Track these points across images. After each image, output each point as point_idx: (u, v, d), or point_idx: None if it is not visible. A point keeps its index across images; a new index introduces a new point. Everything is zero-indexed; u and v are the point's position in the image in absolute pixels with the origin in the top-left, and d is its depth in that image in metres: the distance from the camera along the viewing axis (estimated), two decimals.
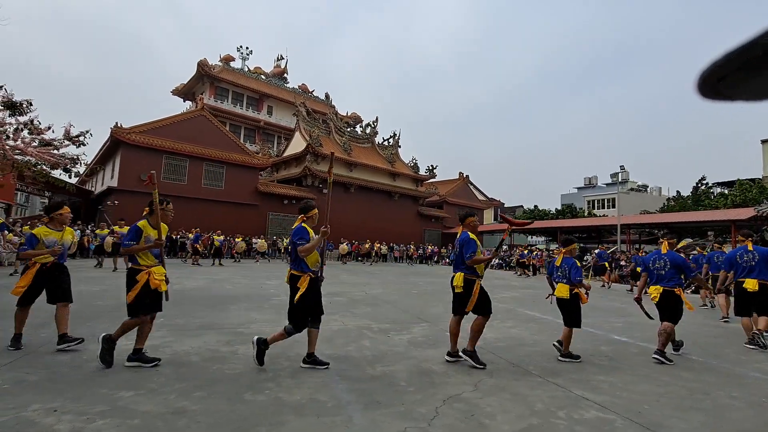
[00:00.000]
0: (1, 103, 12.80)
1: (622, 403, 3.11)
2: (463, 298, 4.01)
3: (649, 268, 4.74)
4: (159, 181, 21.73)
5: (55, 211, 4.14)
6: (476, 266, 4.03)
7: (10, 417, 2.41)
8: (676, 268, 4.55)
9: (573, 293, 4.34)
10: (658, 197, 49.75)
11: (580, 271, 4.40)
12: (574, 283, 4.34)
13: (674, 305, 4.46)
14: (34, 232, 3.95)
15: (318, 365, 3.66)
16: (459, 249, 4.09)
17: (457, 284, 4.01)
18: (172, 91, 43.98)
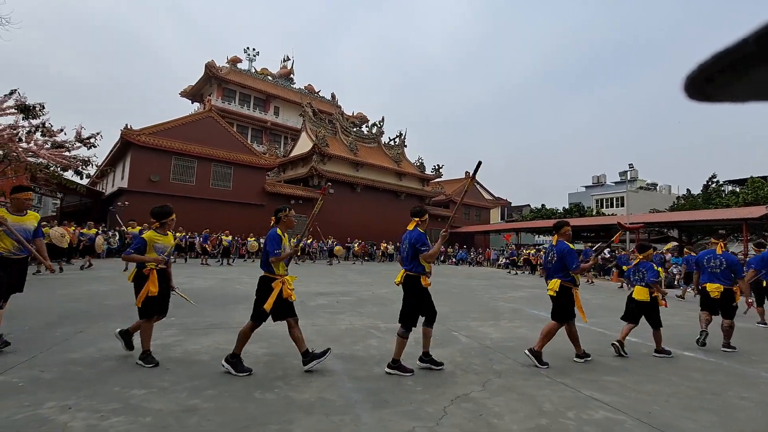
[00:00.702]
0: (14, 107, 13.04)
1: (632, 403, 3.10)
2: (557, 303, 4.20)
3: (704, 266, 5.28)
4: (168, 182, 22.10)
5: (167, 217, 3.83)
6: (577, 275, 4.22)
7: (25, 414, 2.46)
8: (731, 267, 5.07)
9: (653, 296, 4.64)
10: (668, 196, 49.14)
11: (657, 274, 4.71)
12: (650, 284, 4.62)
13: (733, 302, 5.02)
14: (145, 236, 3.70)
15: (434, 365, 3.73)
16: (557, 258, 4.20)
17: (553, 289, 4.16)
18: (181, 92, 44.41)
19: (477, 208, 41.77)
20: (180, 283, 9.49)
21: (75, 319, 5.15)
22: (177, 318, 5.55)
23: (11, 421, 2.37)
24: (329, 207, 28.52)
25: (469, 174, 43.25)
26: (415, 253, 3.71)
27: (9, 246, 3.81)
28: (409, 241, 3.76)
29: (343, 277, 13.34)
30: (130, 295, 7.43)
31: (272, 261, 3.55)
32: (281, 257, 3.57)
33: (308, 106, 31.82)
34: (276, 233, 3.65)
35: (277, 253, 3.56)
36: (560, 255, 4.16)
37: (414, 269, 3.72)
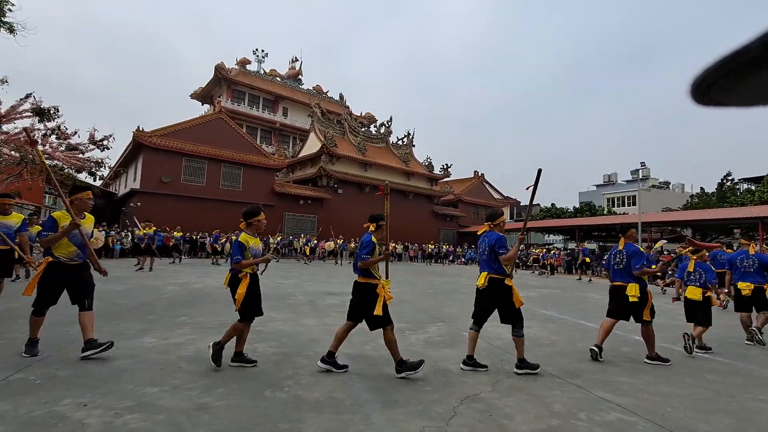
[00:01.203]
0: (30, 110, 13.32)
1: (645, 405, 3.06)
2: (638, 307, 4.25)
3: (736, 266, 5.62)
4: (179, 183, 22.36)
5: (254, 216, 3.71)
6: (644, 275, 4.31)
7: (43, 411, 2.52)
8: (764, 266, 5.36)
9: (705, 296, 4.83)
10: (681, 194, 48.31)
11: (715, 275, 4.96)
12: (708, 286, 4.83)
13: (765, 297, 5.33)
14: (241, 239, 3.56)
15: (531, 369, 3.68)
16: (627, 259, 4.31)
17: (633, 294, 4.19)
18: (191, 94, 44.95)
19: (486, 208, 41.51)
20: (190, 283, 9.61)
21: None
22: (189, 317, 5.62)
23: (30, 418, 2.42)
24: (337, 207, 28.62)
25: (478, 173, 42.97)
26: (495, 255, 3.77)
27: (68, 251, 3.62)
28: (489, 243, 3.80)
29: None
30: (143, 295, 7.55)
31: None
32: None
33: (317, 106, 31.96)
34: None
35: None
36: (629, 256, 4.31)
37: (498, 271, 3.78)
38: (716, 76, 0.39)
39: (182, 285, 9.23)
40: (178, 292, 8.08)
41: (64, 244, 3.57)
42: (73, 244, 3.62)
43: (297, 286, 10.05)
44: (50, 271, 3.55)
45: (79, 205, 3.74)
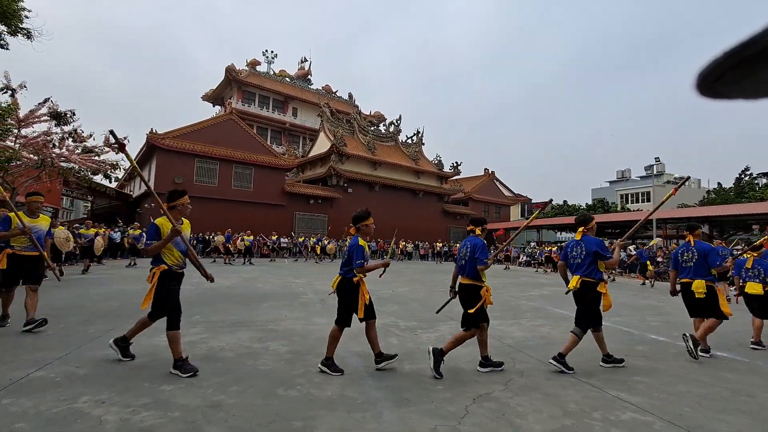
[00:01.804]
0: (47, 114, 13.64)
1: (661, 404, 3.01)
2: (706, 304, 4.38)
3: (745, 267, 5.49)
4: (191, 184, 22.66)
5: (364, 221, 3.76)
6: None
7: (62, 408, 2.58)
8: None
9: (766, 290, 4.97)
10: (697, 190, 47.26)
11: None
12: None
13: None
14: (361, 244, 3.58)
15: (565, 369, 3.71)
16: (700, 257, 4.40)
17: (700, 290, 4.33)
18: (202, 96, 45.51)
19: (496, 206, 41.20)
20: (203, 282, 9.73)
21: (107, 318, 5.36)
22: (202, 316, 5.71)
23: (51, 414, 2.48)
24: (348, 207, 28.67)
25: (488, 171, 42.64)
26: (594, 258, 3.83)
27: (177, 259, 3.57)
28: (588, 247, 3.87)
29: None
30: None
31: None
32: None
33: (326, 106, 32.06)
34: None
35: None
36: (702, 254, 4.36)
37: (592, 275, 3.83)
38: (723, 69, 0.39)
39: (195, 285, 9.36)
40: (192, 291, 8.19)
41: (171, 251, 3.50)
42: (177, 251, 3.55)
43: (308, 285, 10.11)
44: (165, 278, 3.45)
45: (180, 210, 3.71)
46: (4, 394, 2.76)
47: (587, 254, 3.87)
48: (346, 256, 3.69)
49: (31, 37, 9.54)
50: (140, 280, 9.76)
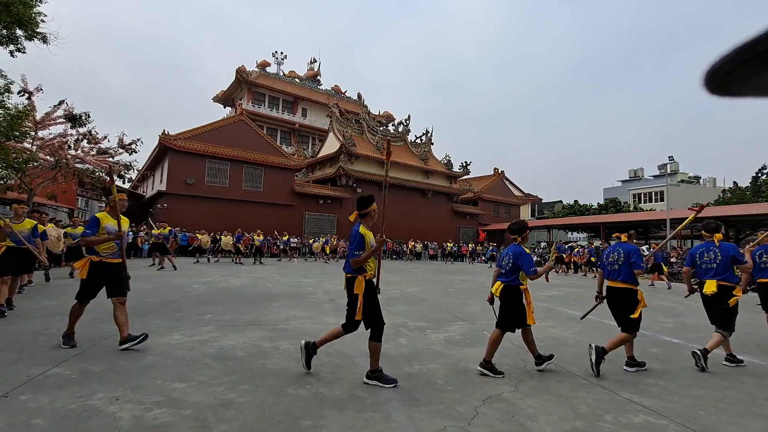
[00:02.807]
0: (63, 116, 13.93)
1: (675, 407, 2.95)
2: None
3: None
4: (203, 184, 22.95)
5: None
6: None
7: (78, 404, 2.63)
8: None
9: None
10: (712, 189, 46.37)
11: None
12: None
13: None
14: (362, 231, 3.48)
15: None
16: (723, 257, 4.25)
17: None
18: (213, 98, 46.05)
19: (506, 205, 40.91)
20: (214, 282, 9.86)
21: None
22: (213, 315, 5.77)
23: (66, 411, 2.54)
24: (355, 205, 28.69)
25: (498, 170, 42.31)
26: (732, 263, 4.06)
27: None
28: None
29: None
30: (169, 293, 7.78)
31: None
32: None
33: (335, 106, 32.18)
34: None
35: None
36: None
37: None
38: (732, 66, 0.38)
39: (207, 284, 9.47)
40: (203, 290, 8.29)
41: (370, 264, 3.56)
42: None
43: (317, 284, 10.16)
44: None
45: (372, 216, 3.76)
46: (22, 390, 2.83)
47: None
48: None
49: (47, 41, 9.74)
50: (152, 279, 9.90)
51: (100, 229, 3.94)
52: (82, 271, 3.93)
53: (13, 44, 9.47)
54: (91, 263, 3.93)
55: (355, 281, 3.27)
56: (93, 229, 3.90)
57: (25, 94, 12.92)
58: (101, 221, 3.97)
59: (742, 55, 0.37)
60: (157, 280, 9.94)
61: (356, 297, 3.24)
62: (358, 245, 3.32)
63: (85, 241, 3.91)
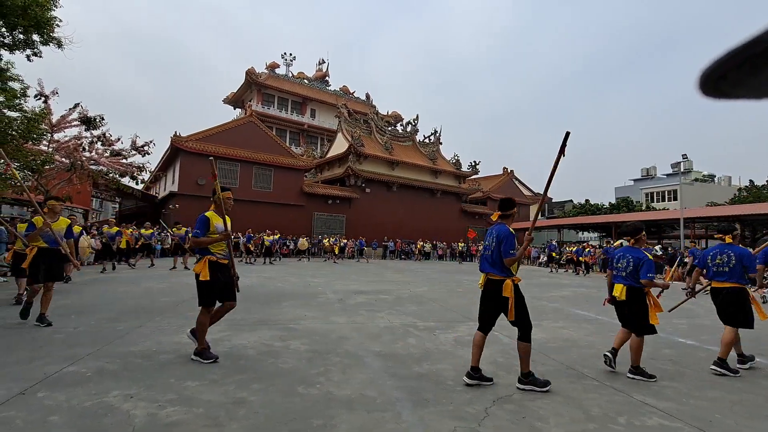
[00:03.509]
0: (78, 119, 14.20)
1: (689, 410, 2.90)
2: None
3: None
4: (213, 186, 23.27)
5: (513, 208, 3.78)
6: None
7: (93, 402, 2.68)
8: None
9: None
10: (728, 188, 45.43)
11: None
12: None
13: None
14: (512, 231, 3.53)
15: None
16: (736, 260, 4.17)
17: None
18: (223, 99, 46.52)
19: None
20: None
21: (134, 315, 5.54)
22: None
23: (82, 408, 2.59)
24: (365, 206, 28.79)
25: (507, 169, 42.03)
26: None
27: None
28: (738, 255, 3.98)
29: (381, 276, 13.43)
30: (181, 292, 7.88)
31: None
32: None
33: (343, 107, 32.27)
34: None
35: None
36: (740, 257, 4.10)
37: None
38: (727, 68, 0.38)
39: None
40: None
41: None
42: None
43: (327, 284, 10.20)
44: None
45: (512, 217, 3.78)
46: (39, 387, 2.89)
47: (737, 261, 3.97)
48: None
49: (62, 46, 9.94)
50: (165, 279, 10.04)
51: (210, 228, 3.73)
52: (203, 272, 3.63)
53: (29, 49, 9.69)
54: (210, 263, 3.68)
55: (504, 284, 3.28)
56: (203, 230, 3.69)
57: (41, 97, 13.20)
58: (210, 220, 3.75)
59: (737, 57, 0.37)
60: (170, 279, 10.07)
61: (507, 300, 3.24)
62: (511, 245, 3.34)
63: (196, 242, 3.68)
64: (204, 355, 3.63)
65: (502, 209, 3.66)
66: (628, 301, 3.74)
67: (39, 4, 8.80)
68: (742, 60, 0.37)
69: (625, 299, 3.73)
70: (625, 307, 3.81)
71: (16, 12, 8.52)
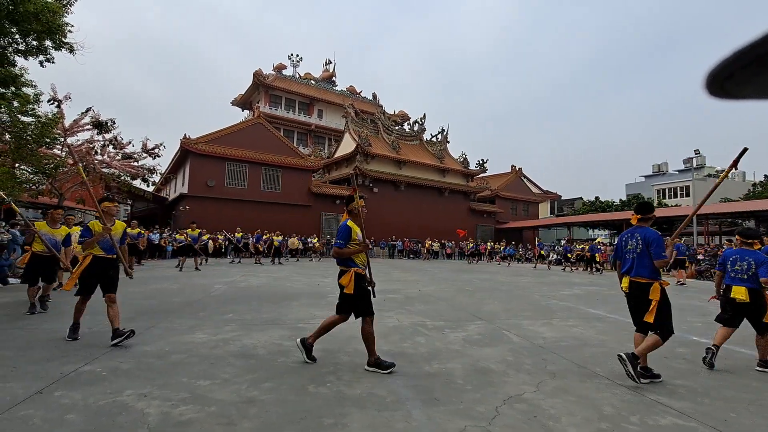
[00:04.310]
0: (90, 123, 14.44)
1: (704, 409, 2.86)
2: None
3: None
4: (223, 187, 23.43)
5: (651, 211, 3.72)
6: None
7: (108, 401, 2.73)
8: None
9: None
10: (742, 183, 44.54)
11: None
12: None
13: None
14: None
15: None
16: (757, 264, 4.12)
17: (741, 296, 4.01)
18: (232, 101, 46.93)
19: (525, 203, 40.30)
20: (235, 282, 10.05)
21: (147, 315, 5.62)
22: (236, 314, 5.88)
23: (98, 406, 2.64)
24: (373, 206, 28.82)
25: (515, 167, 41.75)
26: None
27: None
28: (757, 261, 3.88)
29: (389, 275, 13.43)
30: (193, 293, 7.96)
31: None
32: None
33: (350, 107, 32.33)
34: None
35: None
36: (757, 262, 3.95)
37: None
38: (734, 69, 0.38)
39: (229, 284, 9.67)
40: (225, 290, 8.47)
41: None
42: None
43: (336, 284, 10.23)
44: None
45: None
46: (56, 386, 2.95)
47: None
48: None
49: (74, 51, 10.12)
50: (177, 279, 10.17)
51: (352, 237, 3.63)
52: (348, 286, 3.58)
53: (42, 54, 9.87)
54: (356, 275, 3.62)
55: (652, 287, 3.39)
56: (346, 239, 3.59)
57: (54, 102, 13.45)
58: (352, 230, 3.63)
59: (743, 57, 0.37)
60: (181, 280, 10.20)
61: (651, 302, 3.37)
62: (662, 247, 3.44)
63: (340, 252, 3.60)
64: (383, 365, 3.49)
65: (641, 212, 3.69)
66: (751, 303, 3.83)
67: (51, 11, 8.96)
68: (748, 60, 0.37)
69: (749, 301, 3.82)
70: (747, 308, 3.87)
71: (28, 18, 8.69)
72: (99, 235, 4.23)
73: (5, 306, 6.21)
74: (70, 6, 9.78)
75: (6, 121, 10.19)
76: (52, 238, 5.77)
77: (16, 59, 9.79)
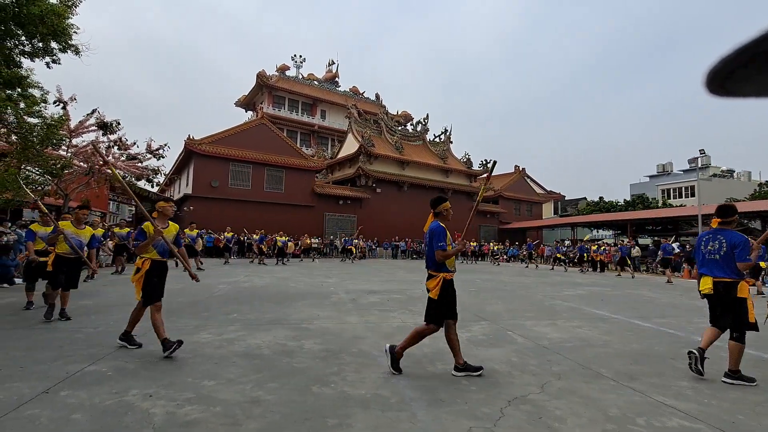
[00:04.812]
0: (95, 124, 14.53)
1: (711, 411, 2.84)
2: None
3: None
4: (227, 187, 23.50)
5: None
6: None
7: (114, 401, 2.74)
8: None
9: None
10: (748, 183, 44.23)
11: None
12: None
13: None
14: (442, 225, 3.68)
15: None
16: None
17: None
18: (235, 102, 47.07)
19: (528, 203, 40.18)
20: (239, 282, 10.07)
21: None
22: (239, 314, 5.90)
23: (104, 406, 2.65)
24: (376, 206, 28.83)
25: (519, 167, 41.63)
26: None
27: None
28: None
29: (393, 276, 13.42)
30: (196, 293, 7.99)
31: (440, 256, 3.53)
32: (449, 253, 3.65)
33: (353, 107, 32.38)
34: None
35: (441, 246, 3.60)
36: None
37: None
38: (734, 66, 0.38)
39: (232, 284, 9.70)
40: (229, 290, 8.50)
41: None
42: None
43: (339, 284, 10.24)
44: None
45: None
46: (62, 386, 2.97)
47: None
48: None
49: (79, 53, 10.18)
50: (179, 280, 10.19)
51: (448, 241, 3.58)
52: (433, 290, 3.56)
53: (48, 56, 9.94)
54: (444, 281, 3.60)
55: (739, 286, 3.49)
56: (446, 242, 3.57)
57: (60, 103, 13.55)
58: (447, 234, 3.62)
59: (744, 55, 0.37)
60: (185, 280, 10.22)
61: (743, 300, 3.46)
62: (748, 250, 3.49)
63: (445, 255, 3.53)
64: (471, 368, 3.50)
65: (722, 216, 3.70)
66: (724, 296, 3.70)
67: (56, 13, 9.02)
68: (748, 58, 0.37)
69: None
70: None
71: (34, 21, 8.75)
72: (152, 237, 3.96)
73: (11, 306, 6.25)
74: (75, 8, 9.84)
75: (12, 122, 10.27)
76: (77, 239, 5.52)
77: (22, 61, 9.86)
